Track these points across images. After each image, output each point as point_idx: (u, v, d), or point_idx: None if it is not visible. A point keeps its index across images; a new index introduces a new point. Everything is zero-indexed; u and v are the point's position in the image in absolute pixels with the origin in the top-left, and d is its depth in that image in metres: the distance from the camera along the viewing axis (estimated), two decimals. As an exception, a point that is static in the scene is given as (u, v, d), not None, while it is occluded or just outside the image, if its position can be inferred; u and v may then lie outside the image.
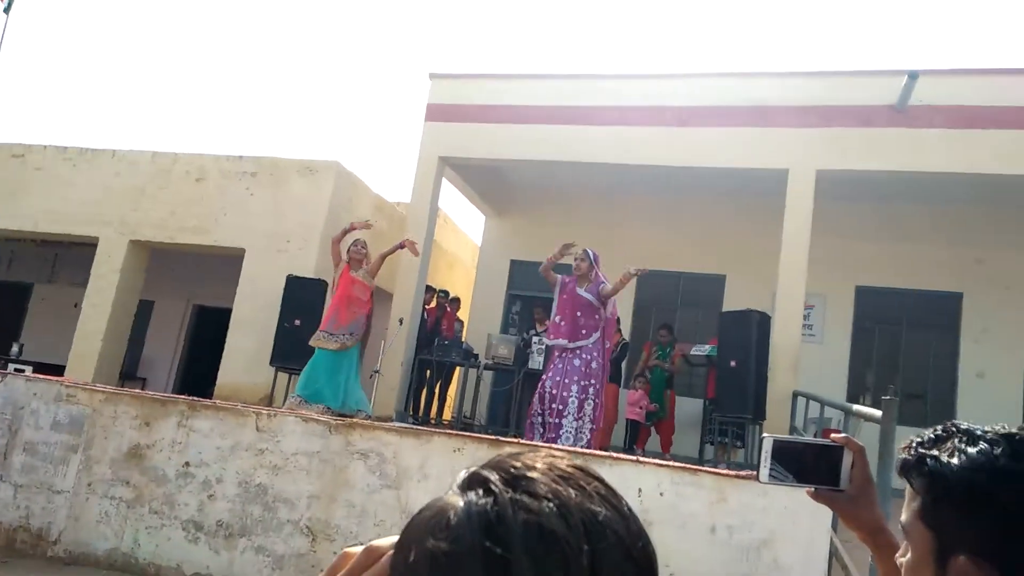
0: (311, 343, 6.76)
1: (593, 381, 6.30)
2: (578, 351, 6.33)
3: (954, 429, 0.82)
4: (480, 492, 0.48)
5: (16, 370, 7.89)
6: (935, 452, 0.80)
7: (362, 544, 0.55)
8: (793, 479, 1.02)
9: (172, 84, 39.28)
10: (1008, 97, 8.16)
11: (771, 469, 1.02)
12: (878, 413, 4.48)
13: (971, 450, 0.77)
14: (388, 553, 0.52)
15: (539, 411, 6.35)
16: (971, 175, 8.20)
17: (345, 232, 7.17)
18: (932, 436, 0.83)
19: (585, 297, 6.39)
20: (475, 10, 42.75)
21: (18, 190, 10.50)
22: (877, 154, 8.37)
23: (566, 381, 6.26)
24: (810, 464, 1.02)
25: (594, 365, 6.34)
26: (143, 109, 38.77)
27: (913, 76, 7.95)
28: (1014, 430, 0.78)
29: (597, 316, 6.38)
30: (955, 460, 0.78)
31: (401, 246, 7.27)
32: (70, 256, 12.84)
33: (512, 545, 0.45)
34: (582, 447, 6.10)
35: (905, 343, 10.10)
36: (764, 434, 1.04)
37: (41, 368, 9.12)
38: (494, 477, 0.49)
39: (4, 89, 40.77)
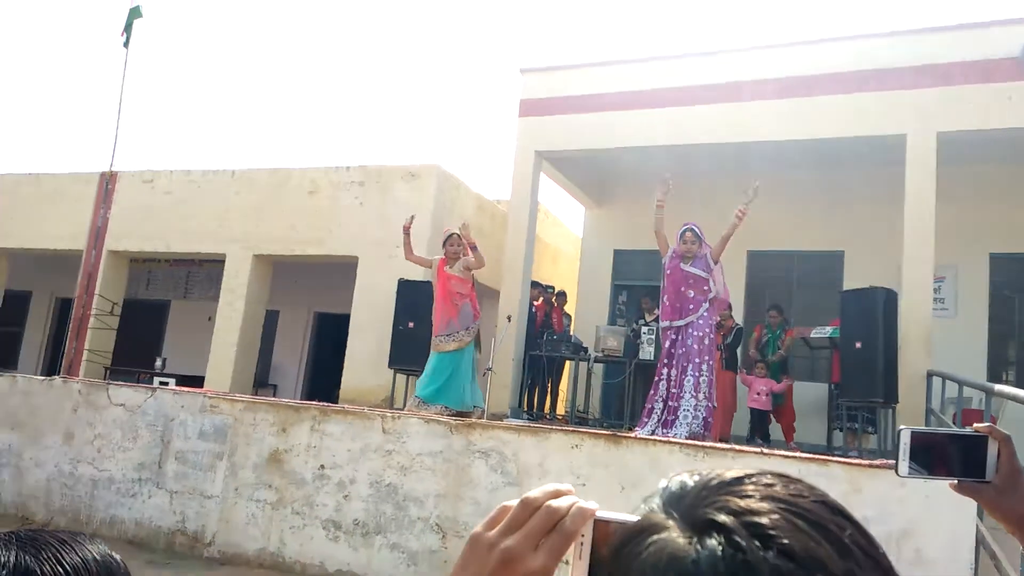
0: (433, 350, 6.91)
1: (707, 357, 6.21)
2: (689, 329, 6.23)
3: None
4: (721, 540, 0.41)
5: (161, 383, 8.56)
6: None
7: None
8: (934, 472, 0.99)
9: (275, 99, 41.31)
10: None
11: (910, 462, 0.98)
12: (1026, 394, 4.18)
13: None
14: (544, 511, 0.50)
15: (662, 397, 6.29)
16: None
17: (407, 239, 6.94)
18: None
19: (691, 272, 6.30)
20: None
21: (151, 214, 11.34)
22: (1001, 111, 7.75)
23: (684, 364, 6.19)
24: (952, 456, 0.98)
25: (707, 341, 6.24)
26: (250, 126, 40.97)
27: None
28: None
29: (706, 287, 6.28)
30: None
31: (472, 247, 6.84)
32: (201, 273, 13.80)
33: None
34: (698, 427, 6.01)
35: (1051, 312, 9.31)
36: (901, 426, 1.02)
37: (182, 380, 9.85)
38: (729, 521, 0.42)
39: (129, 119, 44.05)
